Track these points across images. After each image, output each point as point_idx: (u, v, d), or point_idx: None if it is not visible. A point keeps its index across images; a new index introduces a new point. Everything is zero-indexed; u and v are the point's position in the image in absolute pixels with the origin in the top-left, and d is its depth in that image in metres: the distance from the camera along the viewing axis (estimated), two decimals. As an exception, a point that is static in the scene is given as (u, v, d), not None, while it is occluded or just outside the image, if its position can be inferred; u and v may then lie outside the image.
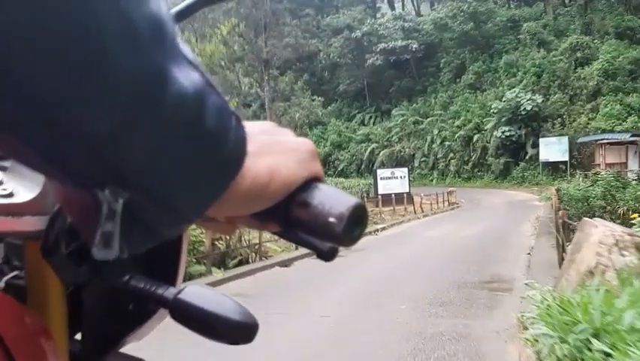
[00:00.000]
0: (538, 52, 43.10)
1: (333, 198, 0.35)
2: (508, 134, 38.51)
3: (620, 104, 33.89)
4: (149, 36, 0.25)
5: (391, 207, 21.94)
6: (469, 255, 11.24)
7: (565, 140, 35.05)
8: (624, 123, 32.20)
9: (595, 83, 36.04)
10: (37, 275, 0.58)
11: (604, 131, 32.21)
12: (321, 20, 58.81)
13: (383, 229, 17.47)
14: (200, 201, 0.31)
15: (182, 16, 0.73)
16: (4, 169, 0.59)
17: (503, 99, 39.36)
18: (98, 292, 0.64)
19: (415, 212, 23.03)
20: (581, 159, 34.47)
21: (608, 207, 17.09)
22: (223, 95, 0.30)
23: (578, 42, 39.46)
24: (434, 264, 10.36)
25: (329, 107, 53.23)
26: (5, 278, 0.61)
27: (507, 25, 49.42)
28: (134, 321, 0.68)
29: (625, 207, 16.25)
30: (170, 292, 0.54)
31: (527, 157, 38.01)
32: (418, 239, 14.79)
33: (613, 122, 32.90)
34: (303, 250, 8.86)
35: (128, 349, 0.70)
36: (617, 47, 38.28)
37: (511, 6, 55.37)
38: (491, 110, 40.63)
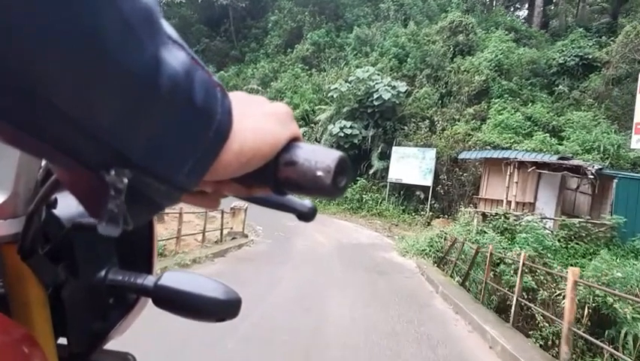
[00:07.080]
0: (405, 27, 30.78)
1: (317, 154, 0.36)
2: (349, 132, 24.59)
3: (521, 115, 22.30)
4: (143, 28, 0.25)
5: None
6: None
7: (432, 154, 22.32)
8: (527, 141, 20.39)
9: (484, 78, 24.22)
10: (17, 279, 0.56)
11: (497, 147, 20.13)
12: None
13: None
14: (195, 171, 0.32)
15: None
16: None
17: (350, 79, 25.69)
18: (78, 291, 0.61)
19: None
20: (449, 187, 21.92)
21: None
22: (207, 68, 0.31)
23: (461, 22, 27.64)
24: None
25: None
26: None
27: (364, -5, 36.86)
28: (116, 315, 0.66)
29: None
30: (149, 281, 0.53)
31: (371, 172, 24.43)
32: None
33: (511, 138, 21.02)
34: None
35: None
36: (510, 41, 27.48)
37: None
38: (329, 95, 26.60)
